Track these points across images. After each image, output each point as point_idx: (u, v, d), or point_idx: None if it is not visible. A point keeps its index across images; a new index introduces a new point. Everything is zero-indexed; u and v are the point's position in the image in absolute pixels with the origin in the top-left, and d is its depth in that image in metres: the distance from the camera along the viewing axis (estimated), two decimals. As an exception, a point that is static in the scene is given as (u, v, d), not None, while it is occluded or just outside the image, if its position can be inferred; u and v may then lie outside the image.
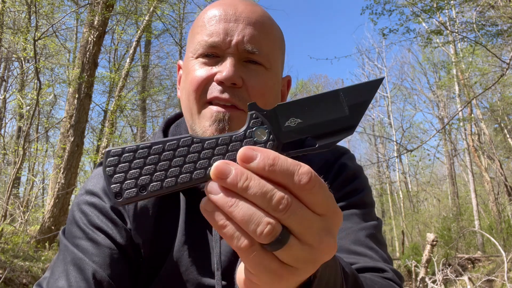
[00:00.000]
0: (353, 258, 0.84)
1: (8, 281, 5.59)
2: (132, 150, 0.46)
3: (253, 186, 0.41)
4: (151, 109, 20.34)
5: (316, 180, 0.42)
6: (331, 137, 0.50)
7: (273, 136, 0.48)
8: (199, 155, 0.46)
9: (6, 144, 12.03)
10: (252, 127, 0.48)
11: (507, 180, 13.79)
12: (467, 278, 6.75)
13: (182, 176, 0.45)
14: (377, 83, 0.52)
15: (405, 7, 9.99)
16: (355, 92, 0.51)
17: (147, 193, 0.45)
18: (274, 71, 0.90)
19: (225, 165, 0.42)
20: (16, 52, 11.89)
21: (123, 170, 0.45)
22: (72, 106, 8.79)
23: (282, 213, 0.41)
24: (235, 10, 0.87)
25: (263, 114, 0.49)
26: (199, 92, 0.85)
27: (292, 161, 0.42)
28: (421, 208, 22.11)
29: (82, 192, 0.95)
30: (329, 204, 0.43)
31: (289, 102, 0.50)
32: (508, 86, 14.50)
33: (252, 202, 0.42)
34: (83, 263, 0.83)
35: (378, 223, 0.94)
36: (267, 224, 0.41)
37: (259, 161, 0.42)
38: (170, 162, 0.45)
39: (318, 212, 0.43)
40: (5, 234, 7.54)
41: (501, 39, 10.50)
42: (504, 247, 9.71)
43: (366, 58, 26.88)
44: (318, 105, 0.50)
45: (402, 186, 23.56)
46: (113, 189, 0.45)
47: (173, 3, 12.70)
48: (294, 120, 0.49)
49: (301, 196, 0.42)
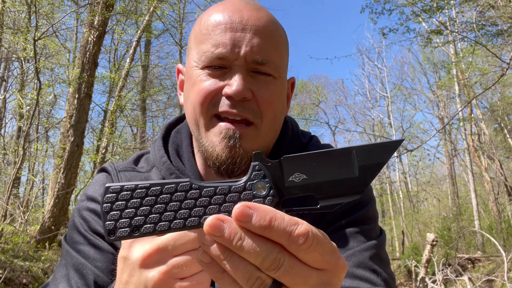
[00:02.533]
0: (354, 283, 0.84)
1: (8, 281, 5.59)
2: (131, 189, 0.46)
3: (246, 246, 0.41)
4: (151, 109, 20.33)
5: (314, 239, 0.42)
6: (336, 198, 0.48)
7: (274, 192, 0.47)
8: (195, 202, 0.46)
9: (6, 144, 12.03)
10: (253, 179, 0.47)
11: (507, 180, 13.78)
12: (467, 278, 6.75)
13: (175, 222, 0.45)
14: (395, 145, 0.48)
15: (405, 7, 10.00)
16: (369, 153, 0.48)
17: (139, 234, 0.45)
18: (281, 78, 0.88)
19: (219, 222, 0.42)
20: (16, 52, 11.89)
21: (119, 208, 0.46)
22: (72, 106, 8.79)
23: (274, 272, 0.42)
24: (241, 17, 0.84)
25: (267, 166, 0.47)
26: (205, 105, 0.84)
27: (289, 221, 0.42)
28: (421, 208, 22.11)
29: (83, 198, 0.96)
30: (328, 260, 0.44)
31: (297, 156, 0.48)
32: (508, 86, 14.49)
33: (245, 259, 0.42)
34: (85, 268, 0.83)
35: (381, 238, 0.93)
36: (257, 278, 0.42)
37: (255, 221, 0.41)
38: (166, 206, 0.46)
39: (316, 267, 0.43)
40: (5, 234, 7.54)
41: (501, 39, 10.49)
42: (504, 247, 9.71)
43: (366, 58, 26.88)
44: (327, 162, 0.48)
45: (402, 186, 23.58)
46: (107, 226, 0.45)
47: (173, 3, 12.70)
48: (299, 176, 0.47)
49: (297, 255, 0.42)
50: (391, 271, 0.91)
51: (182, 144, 1.00)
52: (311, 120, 27.93)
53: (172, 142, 1.01)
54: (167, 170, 0.94)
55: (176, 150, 0.99)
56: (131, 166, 1.00)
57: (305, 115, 28.74)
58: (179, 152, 0.99)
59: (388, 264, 0.92)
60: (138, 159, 1.03)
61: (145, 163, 1.01)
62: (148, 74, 18.63)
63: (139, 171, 0.98)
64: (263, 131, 0.86)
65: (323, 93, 30.89)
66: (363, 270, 0.85)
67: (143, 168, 0.99)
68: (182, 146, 1.00)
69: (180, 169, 0.95)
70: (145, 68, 17.88)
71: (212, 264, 0.44)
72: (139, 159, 1.03)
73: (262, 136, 0.86)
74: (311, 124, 28.15)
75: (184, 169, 0.95)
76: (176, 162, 0.97)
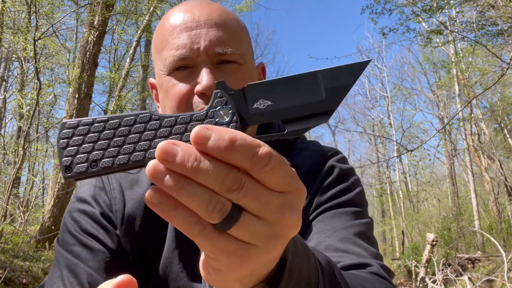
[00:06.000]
0: (338, 256, 0.81)
1: (8, 281, 5.59)
2: (88, 124, 0.44)
3: (203, 167, 0.38)
4: (151, 109, 20.32)
5: (276, 161, 0.39)
6: (303, 122, 0.46)
7: (237, 117, 0.45)
8: (156, 133, 0.43)
9: (6, 144, 12.03)
10: (215, 106, 0.45)
11: (507, 180, 13.78)
12: (467, 278, 6.75)
13: (135, 154, 0.43)
14: (361, 66, 0.47)
15: (405, 7, 10.00)
16: (335, 75, 0.46)
17: (98, 169, 0.43)
18: (248, 64, 0.89)
19: (171, 145, 0.38)
20: (16, 52, 11.89)
21: (76, 143, 0.43)
22: (72, 106, 8.79)
23: (235, 194, 0.39)
24: (193, 15, 0.85)
25: (229, 93, 0.45)
26: (183, 108, 0.85)
27: (251, 142, 0.39)
28: (421, 208, 22.09)
29: (74, 200, 0.96)
30: (290, 182, 0.41)
31: (261, 82, 0.46)
32: (508, 86, 14.49)
33: (202, 184, 0.39)
34: (78, 268, 0.84)
35: (369, 221, 0.92)
36: (216, 202, 0.39)
37: (213, 142, 0.38)
38: (125, 139, 0.43)
39: (278, 190, 0.41)
40: (5, 234, 7.54)
41: (501, 39, 10.50)
42: (504, 247, 9.71)
43: (366, 58, 26.85)
44: (292, 86, 0.46)
45: (402, 186, 23.56)
46: (63, 163, 0.43)
47: (173, 3, 12.70)
48: (263, 102, 0.46)
49: (258, 177, 0.40)
50: (379, 252, 0.88)
51: None
52: (311, 120, 27.86)
53: None
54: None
55: None
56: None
57: (305, 115, 28.69)
58: None
59: (376, 245, 0.90)
60: None
61: None
62: (148, 74, 18.63)
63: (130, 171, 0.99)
64: None
65: (323, 93, 30.77)
66: (347, 243, 0.83)
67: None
68: None
69: None
70: (145, 68, 17.89)
71: (163, 203, 0.39)
72: None
73: None
74: (311, 124, 28.11)
75: None
76: None
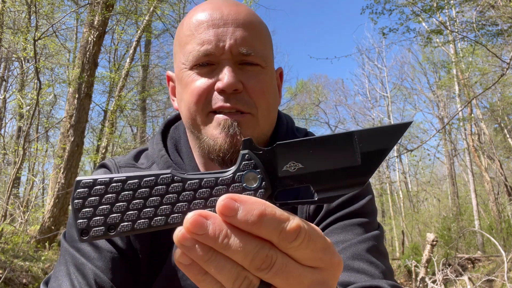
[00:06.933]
0: (351, 276, 0.81)
1: (8, 281, 5.58)
2: (105, 183, 0.41)
3: (233, 244, 0.37)
4: (151, 109, 20.33)
5: (306, 235, 0.38)
6: (335, 190, 0.42)
7: (266, 184, 0.41)
8: (178, 197, 0.41)
9: (6, 144, 12.03)
10: (242, 169, 0.41)
11: (507, 180, 13.78)
12: (467, 278, 6.74)
13: (156, 219, 0.40)
14: (402, 128, 0.42)
15: (405, 7, 9.99)
16: (372, 137, 0.42)
17: (116, 233, 0.40)
18: (269, 68, 0.90)
19: (201, 218, 0.37)
20: (16, 52, 11.88)
21: (92, 204, 0.40)
22: (72, 106, 8.78)
23: (264, 273, 0.37)
24: (221, 13, 0.86)
25: (258, 154, 0.42)
26: (201, 104, 0.85)
27: (279, 216, 0.37)
28: (421, 208, 22.09)
29: None
30: (321, 257, 0.40)
31: (292, 142, 0.42)
32: (508, 86, 14.49)
33: (231, 258, 0.38)
34: (85, 268, 0.83)
35: (379, 232, 0.91)
36: (244, 278, 0.38)
37: (241, 216, 0.37)
38: (145, 201, 0.40)
39: (309, 265, 0.40)
40: (5, 234, 7.54)
41: (501, 39, 10.49)
42: (504, 247, 9.71)
43: (366, 58, 26.80)
44: (325, 148, 0.42)
45: (402, 186, 23.56)
46: (79, 225, 0.40)
47: (173, 3, 12.71)
48: (294, 165, 0.42)
49: (288, 253, 0.38)
50: (389, 265, 0.88)
51: (181, 140, 1.00)
52: (311, 120, 27.95)
53: (171, 137, 1.01)
54: (165, 163, 0.94)
55: (175, 145, 1.00)
56: (131, 162, 0.99)
57: (305, 115, 28.74)
58: (177, 147, 1.00)
59: (387, 257, 0.90)
60: (138, 156, 1.03)
61: (145, 159, 1.01)
62: (148, 74, 18.63)
63: (140, 167, 0.98)
64: (260, 119, 0.87)
65: (323, 93, 30.86)
66: (359, 261, 0.83)
67: (144, 164, 0.99)
68: (181, 142, 1.00)
69: (178, 164, 0.95)
70: (145, 68, 17.88)
71: (192, 266, 0.39)
72: (139, 155, 1.03)
73: (260, 124, 0.87)
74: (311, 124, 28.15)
75: (182, 164, 0.95)
76: (175, 156, 0.97)
